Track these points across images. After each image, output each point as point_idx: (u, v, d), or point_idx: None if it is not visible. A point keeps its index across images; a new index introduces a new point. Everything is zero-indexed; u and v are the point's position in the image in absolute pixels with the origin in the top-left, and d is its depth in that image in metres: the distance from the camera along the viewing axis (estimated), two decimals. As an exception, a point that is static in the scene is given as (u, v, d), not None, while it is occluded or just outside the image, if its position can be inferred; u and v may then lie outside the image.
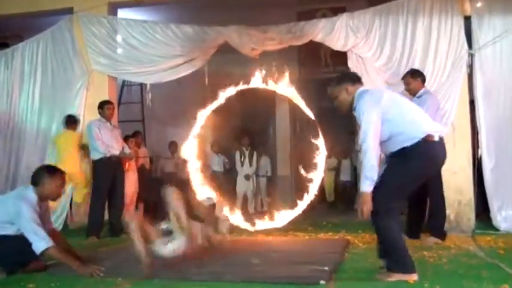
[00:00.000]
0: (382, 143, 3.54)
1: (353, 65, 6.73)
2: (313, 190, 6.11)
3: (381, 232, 3.54)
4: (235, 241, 5.84)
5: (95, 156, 6.46)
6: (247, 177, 9.31)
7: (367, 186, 3.42)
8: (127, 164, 6.98)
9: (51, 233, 4.16)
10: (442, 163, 3.75)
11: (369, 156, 3.41)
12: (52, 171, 4.26)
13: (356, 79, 3.77)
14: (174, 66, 7.36)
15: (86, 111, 7.44)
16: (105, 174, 6.44)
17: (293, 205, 6.37)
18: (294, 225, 6.47)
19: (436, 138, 3.54)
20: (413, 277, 3.48)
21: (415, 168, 3.49)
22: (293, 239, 6.03)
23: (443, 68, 6.43)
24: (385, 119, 3.50)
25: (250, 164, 9.37)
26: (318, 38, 6.86)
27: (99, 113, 6.67)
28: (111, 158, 6.44)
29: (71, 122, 7.18)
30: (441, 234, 5.44)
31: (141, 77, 7.72)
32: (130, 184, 7.25)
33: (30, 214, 3.94)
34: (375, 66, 6.64)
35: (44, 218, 4.17)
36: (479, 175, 6.42)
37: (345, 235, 6.04)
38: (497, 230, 6.15)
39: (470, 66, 6.41)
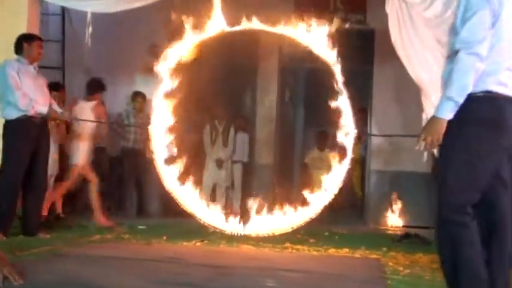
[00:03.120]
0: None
1: (392, 10, 5.87)
2: (332, 189, 5.26)
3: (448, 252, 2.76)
4: (224, 251, 5.32)
5: (10, 114, 5.41)
6: (219, 162, 8.13)
7: (446, 110, 2.75)
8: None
9: None
10: None
11: (464, 69, 2.70)
12: None
13: None
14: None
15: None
16: (24, 143, 5.40)
17: (274, 205, 5.72)
18: (287, 235, 5.76)
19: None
20: None
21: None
22: (297, 254, 5.45)
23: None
24: None
25: (225, 145, 8.18)
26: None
27: (18, 51, 5.55)
28: (33, 119, 5.39)
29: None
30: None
31: (78, 3, 6.73)
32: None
33: None
34: (424, 17, 5.83)
35: None
36: None
37: (365, 253, 5.53)
38: None
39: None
